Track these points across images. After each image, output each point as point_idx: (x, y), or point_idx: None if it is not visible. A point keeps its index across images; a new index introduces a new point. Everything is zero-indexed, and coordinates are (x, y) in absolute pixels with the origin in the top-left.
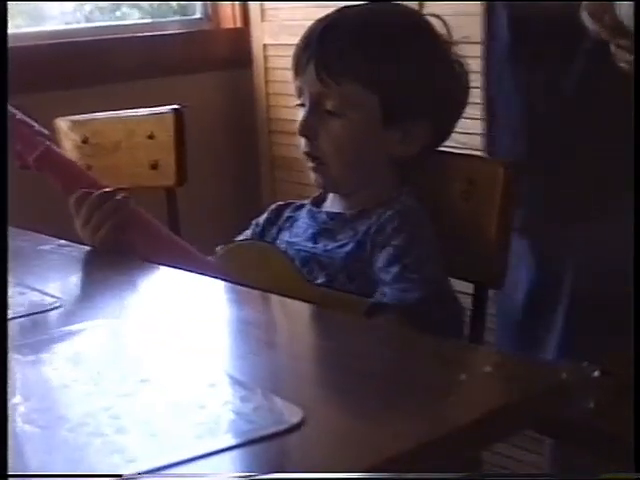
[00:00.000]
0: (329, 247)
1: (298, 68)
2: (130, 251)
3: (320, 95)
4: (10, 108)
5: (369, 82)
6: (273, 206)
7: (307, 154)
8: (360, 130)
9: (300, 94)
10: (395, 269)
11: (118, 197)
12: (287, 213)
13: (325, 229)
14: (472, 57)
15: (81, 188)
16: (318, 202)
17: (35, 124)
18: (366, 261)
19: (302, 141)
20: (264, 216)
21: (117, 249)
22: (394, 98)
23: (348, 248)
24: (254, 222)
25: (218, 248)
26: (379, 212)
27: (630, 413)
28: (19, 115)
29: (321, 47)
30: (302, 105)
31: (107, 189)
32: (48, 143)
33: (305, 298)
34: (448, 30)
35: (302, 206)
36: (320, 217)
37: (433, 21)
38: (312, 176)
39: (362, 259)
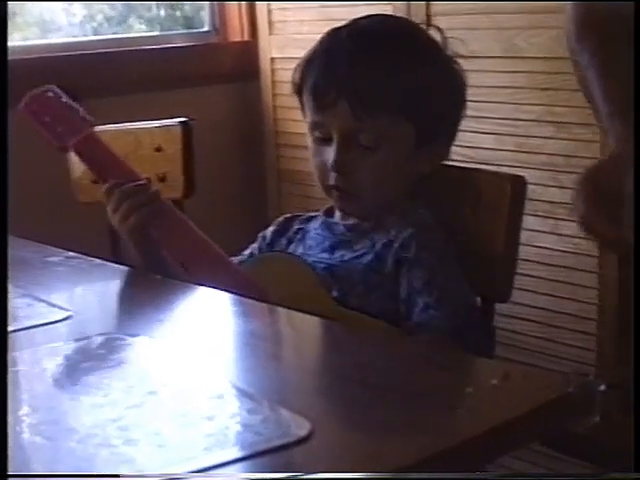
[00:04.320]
0: (346, 258)
1: (321, 104)
2: (156, 245)
3: (354, 130)
4: (57, 90)
5: (406, 112)
6: (280, 218)
7: (338, 188)
8: (396, 160)
9: (318, 128)
10: (435, 292)
11: (150, 190)
12: (296, 225)
13: (342, 240)
14: (483, 72)
15: (117, 178)
16: (330, 213)
17: (80, 109)
18: (386, 275)
19: (331, 175)
20: (271, 228)
21: (143, 242)
22: (428, 122)
23: (366, 260)
24: (260, 235)
25: (253, 245)
26: (398, 226)
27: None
28: (65, 98)
29: (354, 81)
30: (323, 139)
31: (140, 182)
32: (91, 129)
33: (326, 314)
34: (446, 42)
35: (311, 218)
36: (337, 228)
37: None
38: (338, 205)
39: (381, 272)
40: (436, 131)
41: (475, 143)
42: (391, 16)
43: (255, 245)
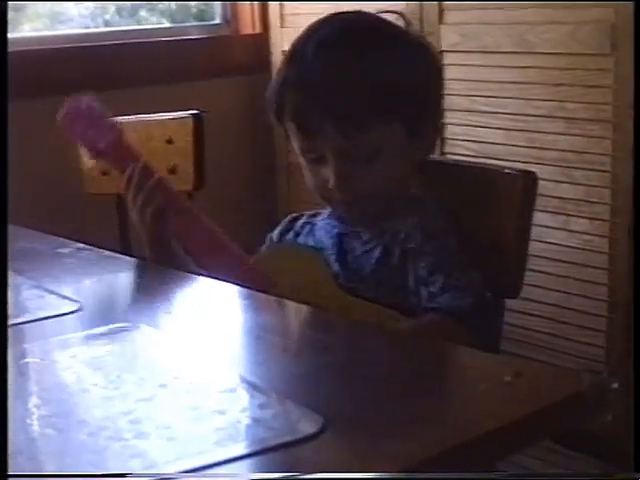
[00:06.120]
0: (357, 253)
1: (307, 130)
2: (168, 238)
3: (346, 149)
4: (89, 99)
5: (393, 115)
6: (287, 218)
7: (343, 202)
8: (394, 162)
9: (309, 151)
10: (440, 279)
11: (156, 177)
12: (303, 220)
13: (351, 230)
14: (494, 67)
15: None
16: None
17: (107, 116)
18: (395, 267)
19: (334, 192)
20: (278, 228)
21: (158, 231)
22: (415, 115)
23: (376, 254)
24: (268, 237)
25: (262, 248)
26: (404, 214)
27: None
28: (97, 110)
29: (335, 103)
30: (317, 160)
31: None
32: (117, 134)
33: (339, 306)
34: (409, 25)
35: (317, 213)
36: (346, 218)
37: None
38: (345, 214)
39: (390, 264)
40: (423, 118)
41: (486, 138)
42: (349, 16)
43: (264, 247)
